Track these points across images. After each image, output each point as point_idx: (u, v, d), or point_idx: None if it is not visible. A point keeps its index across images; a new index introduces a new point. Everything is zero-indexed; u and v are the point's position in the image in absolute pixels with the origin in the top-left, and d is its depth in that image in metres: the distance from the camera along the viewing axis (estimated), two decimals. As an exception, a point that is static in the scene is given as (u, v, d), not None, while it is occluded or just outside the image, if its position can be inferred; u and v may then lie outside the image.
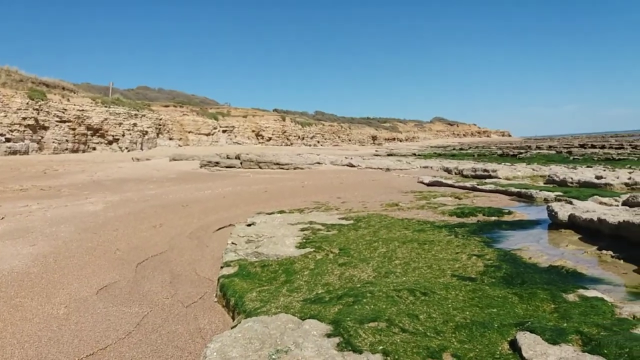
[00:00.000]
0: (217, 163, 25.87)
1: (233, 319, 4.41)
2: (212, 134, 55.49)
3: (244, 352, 3.10)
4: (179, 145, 48.90)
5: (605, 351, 2.96)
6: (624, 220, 6.14)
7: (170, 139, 49.70)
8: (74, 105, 37.75)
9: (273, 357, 3.02)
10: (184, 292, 5.41)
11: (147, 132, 45.08)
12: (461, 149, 55.67)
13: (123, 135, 41.53)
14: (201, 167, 25.44)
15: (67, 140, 35.91)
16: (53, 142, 34.61)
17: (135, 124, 43.31)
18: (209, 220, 9.55)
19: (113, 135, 40.62)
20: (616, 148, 38.22)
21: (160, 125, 48.14)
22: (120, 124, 41.36)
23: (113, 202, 12.06)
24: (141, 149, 43.09)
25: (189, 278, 5.94)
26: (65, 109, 36.34)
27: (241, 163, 25.95)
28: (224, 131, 57.44)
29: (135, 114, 44.14)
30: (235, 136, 58.36)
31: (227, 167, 25.44)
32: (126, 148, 41.04)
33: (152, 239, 7.94)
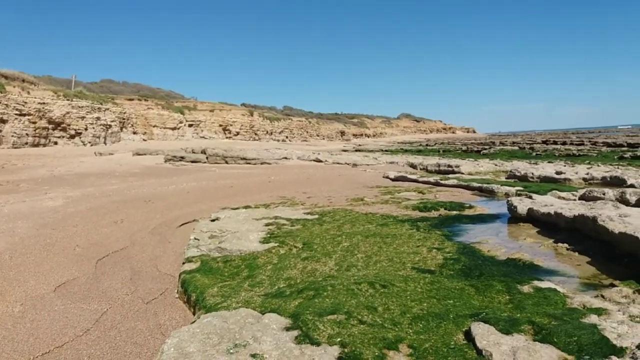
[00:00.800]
0: (182, 158, 25.54)
1: (194, 314, 4.38)
2: (178, 128, 54.70)
3: (202, 347, 3.09)
4: (144, 140, 48.04)
5: (555, 340, 3.07)
6: (579, 214, 6.35)
7: (135, 133, 48.78)
8: (35, 98, 36.60)
9: (231, 351, 3.03)
10: (144, 289, 5.34)
11: (110, 126, 44.11)
12: (427, 145, 56.39)
13: (86, 129, 40.51)
14: (166, 161, 25.08)
15: (27, 134, 34.82)
16: (12, 136, 33.52)
17: (98, 118, 42.30)
18: (172, 215, 9.44)
19: (75, 129, 39.57)
20: (577, 144, 39.38)
21: (124, 119, 47.15)
22: (82, 117, 40.32)
23: (73, 198, 11.79)
24: (105, 143, 42.15)
25: (150, 274, 5.87)
26: (25, 102, 35.21)
27: (207, 158, 25.67)
28: (190, 125, 56.69)
29: (99, 108, 43.09)
30: (202, 130, 57.67)
31: (192, 161, 25.14)
32: (89, 142, 40.05)
33: (113, 235, 7.80)
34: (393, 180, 15.40)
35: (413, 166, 21.15)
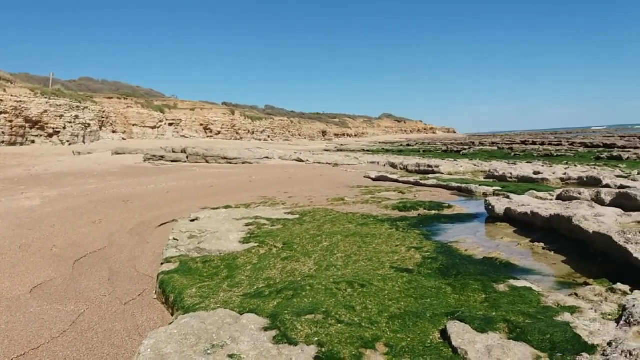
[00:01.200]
0: (161, 157, 25.30)
1: (173, 315, 4.36)
2: (158, 127, 54.18)
3: (179, 347, 3.08)
4: (123, 139, 47.47)
5: (529, 338, 3.13)
6: (555, 214, 6.45)
7: (114, 132, 48.17)
8: (11, 96, 35.88)
9: (208, 352, 3.02)
10: (122, 290, 5.30)
11: (89, 124, 43.48)
12: (408, 145, 56.74)
13: (64, 128, 39.87)
14: (145, 161, 24.83)
15: (3, 133, 34.13)
16: (-13, 134, 32.88)
17: (77, 116, 41.66)
18: (151, 215, 9.35)
19: (53, 128, 38.91)
20: (555, 145, 39.93)
21: (103, 117, 46.53)
22: (61, 116, 39.67)
23: (51, 197, 11.62)
24: (83, 142, 41.53)
25: (128, 275, 5.82)
26: (1, 100, 34.52)
27: (187, 157, 25.49)
28: (170, 124, 56.19)
29: (77, 106, 42.44)
30: (183, 129, 57.19)
31: (172, 161, 24.93)
32: (67, 141, 39.42)
33: (91, 235, 7.71)
34: (374, 180, 15.47)
35: (394, 166, 21.28)
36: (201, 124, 59.71)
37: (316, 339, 3.16)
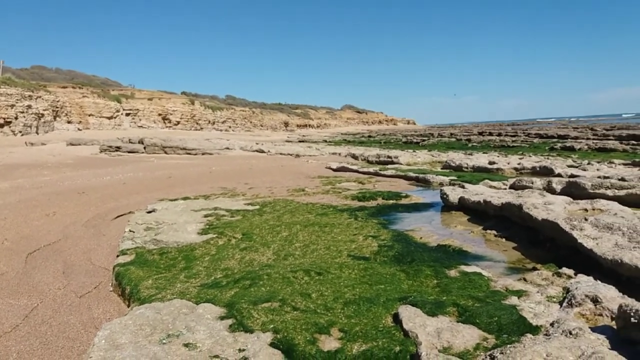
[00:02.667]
0: (118, 148, 24.71)
1: (129, 307, 4.32)
2: (115, 117, 52.80)
3: (134, 338, 3.07)
4: (79, 129, 46.02)
5: (477, 320, 3.26)
6: (506, 202, 6.68)
7: (69, 122, 46.63)
8: (-45, 84, 34.27)
9: (164, 341, 3.02)
10: (77, 282, 5.20)
11: (43, 114, 41.92)
12: (370, 136, 57.19)
13: (16, 118, 38.29)
14: (101, 152, 24.21)
15: (-53, 123, 32.61)
16: None
17: (29, 106, 40.08)
18: (107, 207, 9.16)
19: (4, 118, 37.29)
20: (511, 136, 40.91)
21: (57, 107, 44.95)
22: (12, 105, 38.06)
23: (2, 190, 11.22)
24: (37, 132, 40.03)
25: (83, 268, 5.71)
26: (-57, 88, 32.92)
27: (145, 148, 24.98)
28: (127, 114, 54.84)
29: (30, 96, 40.81)
30: (140, 120, 55.92)
31: (129, 152, 24.38)
32: (20, 132, 37.91)
33: (44, 228, 7.50)
34: (335, 170, 15.59)
35: (355, 157, 21.47)
36: (160, 114, 58.51)
37: (272, 326, 3.20)
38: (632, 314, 2.71)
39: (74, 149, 25.75)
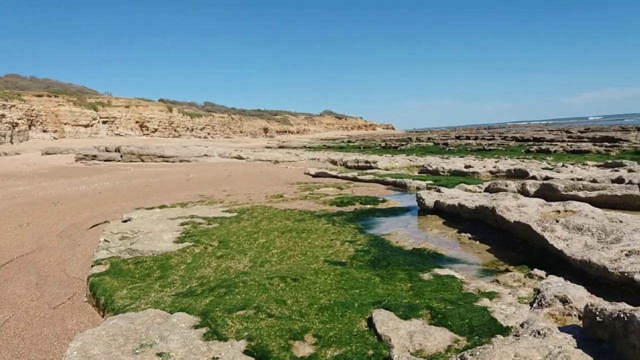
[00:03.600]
0: (94, 156, 24.40)
1: (103, 317, 4.27)
2: (92, 126, 52.13)
3: (107, 348, 3.04)
4: (55, 138, 45.36)
5: (449, 323, 3.30)
6: (479, 205, 6.77)
7: (45, 131, 45.92)
8: None
9: (137, 351, 3.00)
10: (51, 294, 5.13)
11: (17, 124, 41.21)
12: (349, 141, 57.45)
13: (-12, 128, 37.65)
14: (77, 160, 23.88)
15: None
16: None
17: (3, 115, 39.36)
18: (83, 217, 9.05)
19: (-25, 128, 36.66)
20: (488, 139, 41.45)
21: (32, 116, 44.23)
22: (-17, 114, 37.42)
23: (-28, 201, 11.00)
24: (11, 142, 39.32)
25: (57, 279, 5.63)
26: None
27: (121, 156, 24.70)
28: (104, 122, 54.20)
29: (4, 105, 40.10)
30: (117, 127, 55.31)
31: (105, 160, 24.09)
32: (-8, 141, 37.25)
33: (17, 239, 7.40)
34: (314, 176, 15.62)
35: (334, 162, 21.54)
36: (137, 122, 57.95)
37: (246, 333, 3.20)
38: (597, 313, 2.78)
39: (49, 158, 25.35)
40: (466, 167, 15.03)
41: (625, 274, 3.75)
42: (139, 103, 61.14)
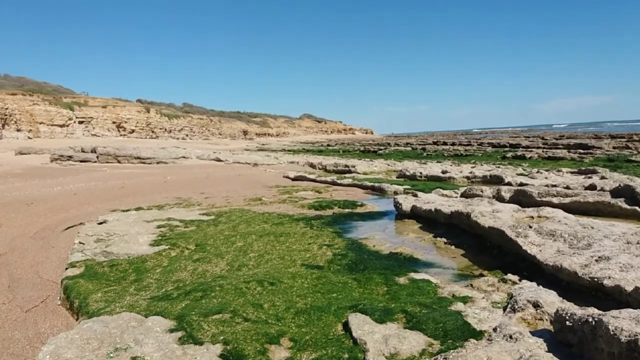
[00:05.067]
0: (70, 157, 24.00)
1: (77, 321, 4.22)
2: (67, 126, 51.30)
3: (80, 352, 3.00)
4: (29, 138, 44.49)
5: (424, 327, 3.35)
6: (455, 210, 6.87)
7: (19, 130, 45.04)
8: None
9: (111, 355, 2.97)
10: (23, 297, 5.03)
11: (-12, 122, 40.38)
12: (328, 145, 57.58)
13: (-42, 126, 36.75)
14: (52, 161, 23.46)
15: None
16: None
17: (-27, 113, 38.55)
18: (57, 219, 8.89)
19: (-55, 126, 35.76)
20: (465, 145, 41.95)
21: (6, 115, 43.36)
22: (-47, 112, 36.52)
23: (-59, 201, 10.73)
24: (-19, 141, 38.51)
25: (30, 281, 5.53)
26: None
27: (97, 157, 24.35)
28: (80, 122, 53.39)
29: (-26, 102, 39.27)
30: (94, 128, 54.52)
31: (81, 161, 23.71)
32: (-38, 140, 36.37)
33: (-12, 241, 7.23)
34: (293, 179, 15.62)
35: (313, 166, 21.56)
36: (114, 122, 57.22)
37: (222, 337, 3.20)
38: (567, 317, 2.85)
39: (23, 159, 24.88)
40: (443, 172, 15.20)
41: (595, 279, 3.85)
42: (116, 103, 60.41)
